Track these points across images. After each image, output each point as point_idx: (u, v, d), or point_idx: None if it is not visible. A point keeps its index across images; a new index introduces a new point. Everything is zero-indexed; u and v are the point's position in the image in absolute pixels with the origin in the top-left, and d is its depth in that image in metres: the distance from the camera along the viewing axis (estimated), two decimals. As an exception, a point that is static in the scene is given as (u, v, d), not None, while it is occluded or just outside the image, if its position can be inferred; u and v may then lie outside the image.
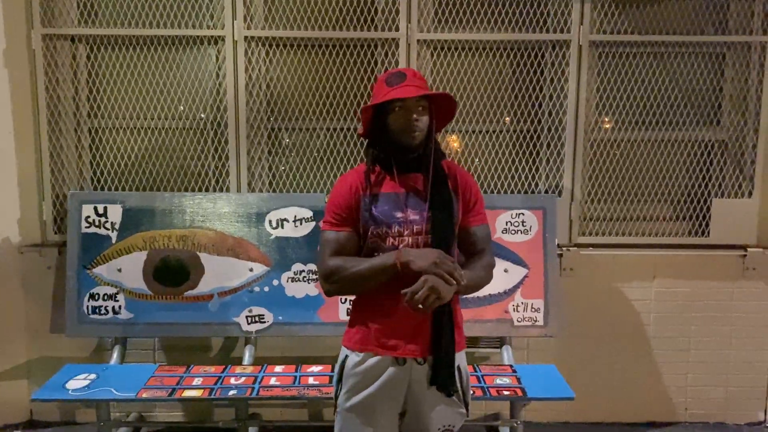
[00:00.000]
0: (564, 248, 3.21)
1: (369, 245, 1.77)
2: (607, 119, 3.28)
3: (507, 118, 3.28)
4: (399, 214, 1.75)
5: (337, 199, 1.79)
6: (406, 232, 1.74)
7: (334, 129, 3.24)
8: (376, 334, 1.76)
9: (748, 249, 3.23)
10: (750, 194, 3.24)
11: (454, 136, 3.30)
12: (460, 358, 1.81)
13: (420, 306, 1.58)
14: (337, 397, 1.83)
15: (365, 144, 1.86)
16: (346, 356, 1.81)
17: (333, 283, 1.74)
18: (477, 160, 3.28)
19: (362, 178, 1.78)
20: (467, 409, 1.84)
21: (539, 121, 3.26)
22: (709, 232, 3.26)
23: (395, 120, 1.74)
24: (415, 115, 1.72)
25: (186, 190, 3.24)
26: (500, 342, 3.10)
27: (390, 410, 1.79)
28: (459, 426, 1.84)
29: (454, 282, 1.59)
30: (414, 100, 1.71)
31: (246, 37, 3.10)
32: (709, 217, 3.26)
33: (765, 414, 3.35)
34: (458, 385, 1.79)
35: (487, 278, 1.81)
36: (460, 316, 1.83)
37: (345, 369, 1.81)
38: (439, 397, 1.78)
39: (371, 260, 1.70)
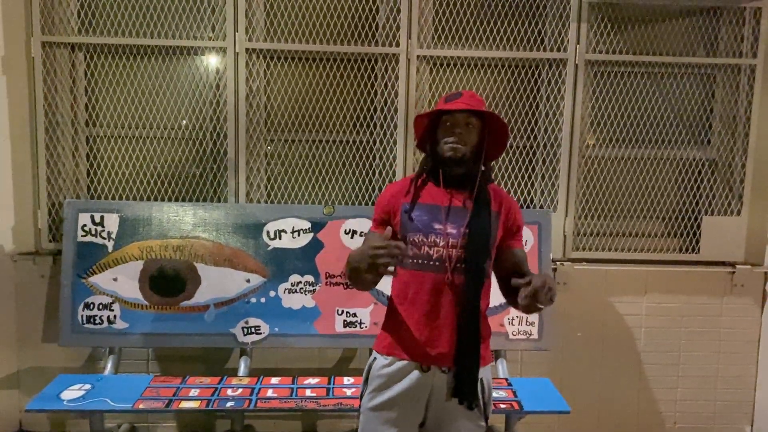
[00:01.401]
0: (558, 262, 3.26)
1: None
2: (601, 137, 3.35)
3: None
4: (438, 225, 1.80)
5: (380, 201, 1.92)
6: (441, 243, 1.79)
7: (333, 141, 3.26)
8: (404, 340, 1.83)
9: (737, 266, 3.31)
10: (739, 212, 3.32)
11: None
12: (485, 371, 1.85)
13: (539, 306, 1.62)
14: (362, 396, 1.89)
15: (424, 155, 1.96)
16: (374, 358, 1.89)
17: (348, 275, 1.84)
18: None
19: (408, 185, 1.88)
20: (487, 423, 1.87)
21: (535, 138, 3.31)
22: (699, 249, 3.33)
23: (443, 133, 1.83)
24: (459, 129, 1.80)
25: (184, 200, 3.23)
26: (495, 355, 3.13)
27: (411, 416, 1.83)
28: None
29: (400, 256, 1.62)
30: (463, 117, 1.80)
31: (247, 49, 3.11)
32: (699, 234, 3.33)
33: (751, 428, 3.41)
34: (480, 398, 1.82)
35: None
36: (487, 330, 1.88)
37: (372, 370, 1.87)
38: (461, 409, 1.81)
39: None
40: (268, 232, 3.02)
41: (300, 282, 3.01)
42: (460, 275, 1.79)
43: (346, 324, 3.02)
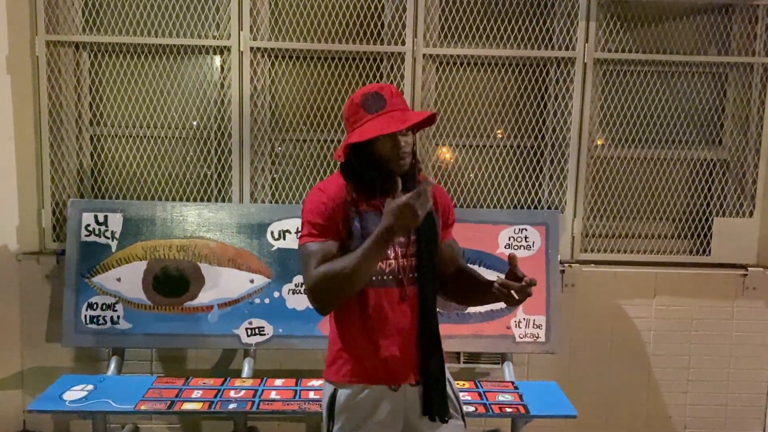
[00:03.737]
0: (566, 264, 3.21)
1: None
2: (610, 136, 3.30)
3: (501, 134, 3.28)
4: None
5: (318, 208, 1.66)
6: (392, 255, 1.68)
7: (339, 141, 3.23)
8: (363, 364, 1.69)
9: (749, 268, 3.25)
10: (751, 214, 3.26)
11: (454, 151, 3.30)
12: (446, 373, 1.77)
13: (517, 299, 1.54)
14: None
15: (341, 164, 1.74)
16: (335, 390, 1.72)
17: (324, 290, 1.58)
18: (480, 175, 3.28)
19: (345, 194, 1.68)
20: (464, 419, 1.80)
21: (543, 137, 3.27)
22: (710, 251, 3.27)
23: (382, 147, 1.64)
24: (402, 143, 1.63)
25: (188, 199, 3.21)
26: (501, 358, 3.09)
27: None
28: None
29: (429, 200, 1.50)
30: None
31: (252, 48, 3.09)
32: (710, 235, 3.27)
33: (763, 433, 3.36)
34: (453, 399, 1.75)
35: None
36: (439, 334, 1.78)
37: (336, 404, 1.71)
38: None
39: (359, 248, 1.55)
40: (272, 233, 2.99)
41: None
42: (414, 286, 1.70)
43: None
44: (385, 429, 1.72)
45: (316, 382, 2.83)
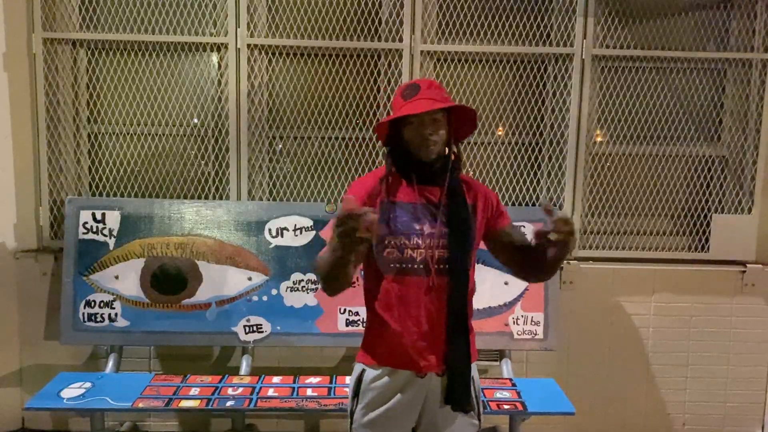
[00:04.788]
0: (564, 261, 3.20)
1: (386, 257, 1.72)
2: (608, 133, 3.29)
3: (500, 130, 3.27)
4: (417, 226, 1.71)
5: (349, 198, 1.73)
6: (422, 245, 1.70)
7: (336, 138, 3.23)
8: (395, 349, 1.73)
9: (748, 265, 3.24)
10: (750, 210, 3.25)
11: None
12: (473, 369, 1.79)
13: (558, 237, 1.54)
14: (352, 412, 1.80)
15: (387, 150, 1.81)
16: (363, 370, 1.79)
17: (319, 278, 1.67)
18: (478, 171, 3.27)
19: (378, 185, 1.74)
20: (480, 420, 1.82)
21: (541, 134, 3.26)
22: (708, 248, 3.27)
23: (410, 134, 1.71)
24: (428, 130, 1.68)
25: (185, 197, 3.21)
26: (499, 355, 3.09)
27: (406, 424, 1.77)
28: None
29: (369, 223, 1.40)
30: (427, 114, 1.68)
31: (249, 45, 3.08)
32: (709, 232, 3.26)
33: (762, 430, 3.35)
34: (473, 399, 1.76)
35: None
36: (472, 328, 1.81)
37: (362, 384, 1.78)
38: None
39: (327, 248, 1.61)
40: (270, 230, 2.99)
41: (302, 280, 2.98)
42: (444, 276, 1.72)
43: (348, 323, 2.98)
44: (404, 415, 1.76)
45: (314, 380, 2.84)
